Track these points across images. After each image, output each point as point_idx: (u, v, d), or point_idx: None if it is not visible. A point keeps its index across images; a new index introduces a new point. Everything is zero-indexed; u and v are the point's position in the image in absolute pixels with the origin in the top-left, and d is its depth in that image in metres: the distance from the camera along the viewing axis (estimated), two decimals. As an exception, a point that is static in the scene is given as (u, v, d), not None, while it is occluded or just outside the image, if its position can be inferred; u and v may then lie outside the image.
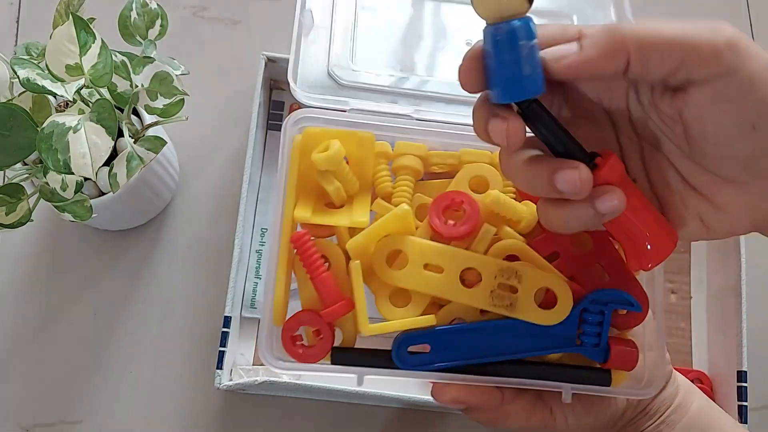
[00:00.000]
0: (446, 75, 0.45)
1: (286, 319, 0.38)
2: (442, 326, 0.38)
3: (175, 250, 0.58)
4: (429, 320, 0.37)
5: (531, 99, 0.31)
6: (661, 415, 0.40)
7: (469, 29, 0.47)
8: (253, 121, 0.55)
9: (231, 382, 0.49)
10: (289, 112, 0.61)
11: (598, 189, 0.30)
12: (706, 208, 0.33)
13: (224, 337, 0.51)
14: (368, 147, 0.40)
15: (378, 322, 0.38)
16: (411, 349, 0.37)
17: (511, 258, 0.39)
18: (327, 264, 0.38)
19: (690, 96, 0.30)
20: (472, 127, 0.33)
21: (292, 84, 0.40)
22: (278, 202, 0.39)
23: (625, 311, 0.38)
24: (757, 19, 0.69)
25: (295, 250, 0.38)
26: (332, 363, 0.38)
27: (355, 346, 0.39)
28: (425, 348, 0.38)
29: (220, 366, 0.50)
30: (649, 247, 0.34)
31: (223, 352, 0.50)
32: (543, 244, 0.39)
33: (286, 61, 0.57)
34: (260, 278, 0.57)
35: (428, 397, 0.50)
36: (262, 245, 0.57)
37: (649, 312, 0.39)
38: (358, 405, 0.55)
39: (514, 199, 0.40)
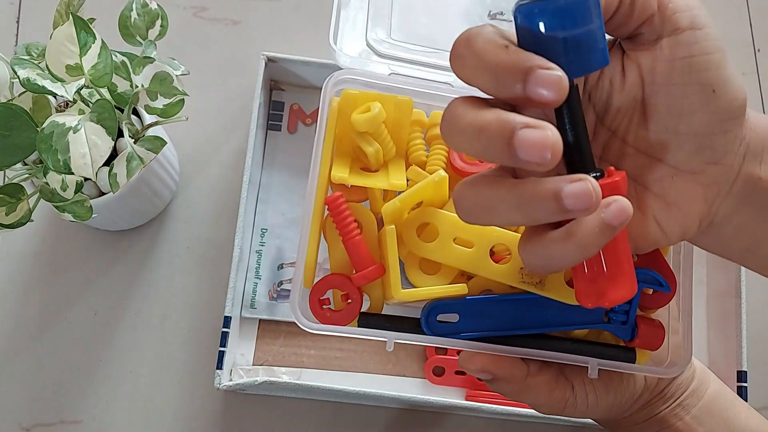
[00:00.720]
0: None
1: (315, 282, 0.38)
2: (471, 296, 0.38)
3: (175, 250, 0.58)
4: (461, 289, 0.37)
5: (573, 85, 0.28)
6: (677, 399, 0.40)
7: (499, 6, 0.47)
8: (253, 121, 0.55)
9: (231, 382, 0.49)
10: (290, 113, 0.61)
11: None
12: (659, 207, 0.32)
13: (224, 337, 0.51)
14: (406, 112, 0.39)
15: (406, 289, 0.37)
16: (439, 318, 0.37)
17: None
18: (359, 228, 0.38)
19: (660, 49, 0.29)
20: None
21: (332, 46, 0.40)
22: (314, 164, 0.38)
23: (651, 291, 0.39)
24: (756, 19, 0.69)
25: (329, 212, 0.38)
26: (359, 327, 0.38)
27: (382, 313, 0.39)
28: (453, 317, 0.38)
29: (220, 366, 0.50)
30: (591, 284, 0.32)
31: (223, 352, 0.50)
32: None
33: (287, 61, 0.58)
34: (260, 278, 0.57)
35: (428, 397, 0.51)
36: (262, 245, 0.58)
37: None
38: (358, 405, 0.55)
39: None
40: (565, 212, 0.26)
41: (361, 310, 0.38)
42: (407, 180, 0.39)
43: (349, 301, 0.38)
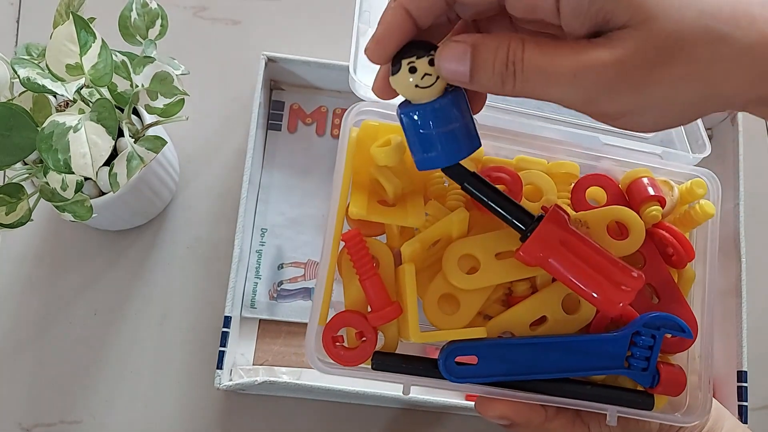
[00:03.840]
0: None
1: (328, 319, 0.37)
2: (491, 339, 0.37)
3: (175, 250, 0.58)
4: (480, 332, 0.37)
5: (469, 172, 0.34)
6: None
7: None
8: (253, 121, 0.55)
9: (231, 382, 0.49)
10: (290, 113, 0.61)
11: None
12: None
13: (224, 337, 0.51)
14: None
15: (422, 329, 0.37)
16: (458, 359, 0.37)
17: None
18: (376, 264, 0.37)
19: None
20: (528, 134, 0.33)
21: (353, 76, 0.39)
22: (334, 197, 0.37)
23: (671, 335, 0.38)
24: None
25: (346, 249, 0.37)
26: (373, 368, 0.37)
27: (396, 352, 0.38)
28: (472, 359, 0.37)
29: (220, 366, 0.50)
30: (595, 296, 0.34)
31: (223, 352, 0.50)
32: None
33: (287, 60, 0.58)
34: (260, 278, 0.57)
35: (428, 397, 0.50)
36: (262, 245, 0.57)
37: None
38: (358, 405, 0.55)
39: (570, 208, 0.39)
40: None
41: (376, 349, 0.37)
42: (426, 214, 0.38)
43: (364, 339, 0.37)
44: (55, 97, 0.46)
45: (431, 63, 0.31)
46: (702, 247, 0.40)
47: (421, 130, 0.33)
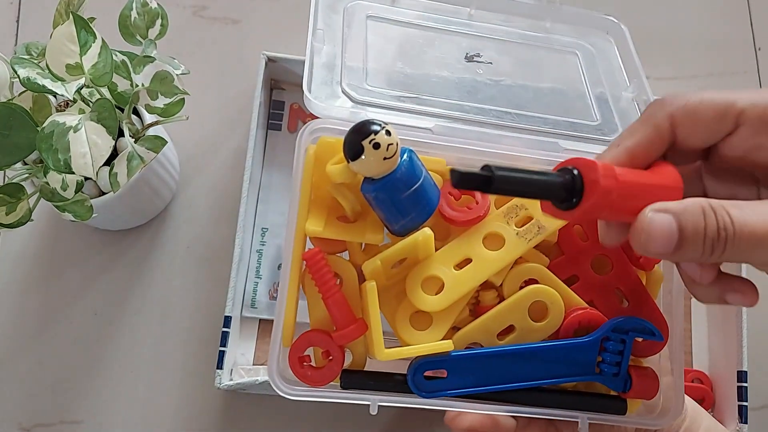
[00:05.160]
0: (460, 97, 0.44)
1: (294, 339, 0.37)
2: (460, 352, 0.37)
3: (175, 250, 0.58)
4: (446, 345, 0.36)
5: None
6: None
7: (476, 48, 0.47)
8: (253, 120, 0.55)
9: (231, 382, 0.49)
10: (290, 112, 0.61)
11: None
12: None
13: (224, 336, 0.51)
14: None
15: (389, 344, 0.36)
16: (427, 373, 0.37)
17: (531, 281, 0.38)
18: (339, 281, 0.37)
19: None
20: (491, 144, 0.35)
21: (307, 94, 0.39)
22: (291, 216, 0.37)
23: (642, 339, 0.38)
24: (757, 18, 0.69)
25: (307, 269, 0.36)
26: (342, 386, 0.37)
27: (365, 369, 0.38)
28: (441, 372, 0.37)
29: (220, 366, 0.50)
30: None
31: (224, 351, 0.50)
32: (562, 267, 0.39)
33: (287, 60, 0.58)
34: (260, 278, 0.57)
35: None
36: (263, 245, 0.57)
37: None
38: (359, 405, 0.55)
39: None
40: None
41: (344, 367, 0.37)
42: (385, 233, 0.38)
43: (331, 358, 0.36)
44: (55, 97, 0.46)
45: (387, 133, 0.33)
46: None
47: (395, 199, 0.34)
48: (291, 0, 0.65)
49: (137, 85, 0.45)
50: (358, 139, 0.33)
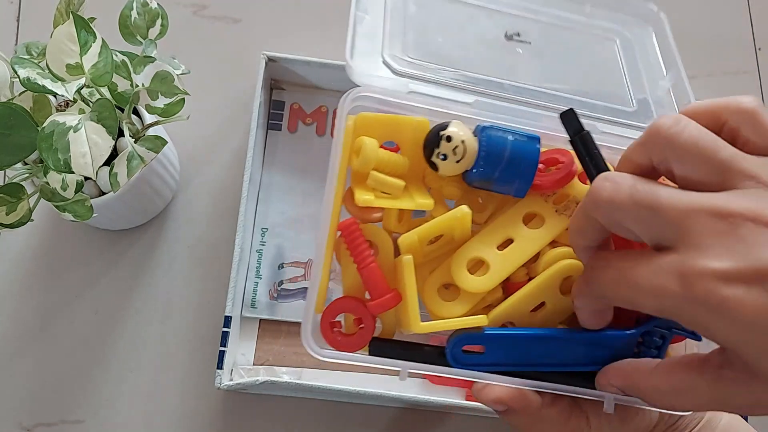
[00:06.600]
0: (499, 74, 0.44)
1: (326, 305, 0.37)
2: (500, 330, 0.37)
3: (175, 250, 0.58)
4: (480, 320, 0.37)
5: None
6: (690, 430, 0.40)
7: (516, 27, 0.47)
8: (253, 120, 0.55)
9: (231, 382, 0.49)
10: (290, 112, 0.61)
11: None
12: None
13: (224, 336, 0.51)
14: (423, 133, 0.38)
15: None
16: (465, 348, 0.37)
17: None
18: (374, 251, 0.37)
19: None
20: (526, 123, 0.36)
21: (349, 62, 0.39)
22: (329, 185, 0.36)
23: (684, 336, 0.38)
24: (757, 18, 0.69)
25: (343, 239, 0.36)
26: (371, 353, 0.37)
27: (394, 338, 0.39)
28: (479, 349, 0.37)
29: (220, 366, 0.50)
30: None
31: (224, 351, 0.50)
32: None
33: (287, 60, 0.58)
34: (261, 278, 0.57)
35: (428, 397, 0.50)
36: (263, 245, 0.57)
37: None
38: (358, 405, 0.55)
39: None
40: None
41: (374, 335, 0.37)
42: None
43: (362, 326, 0.37)
44: (55, 96, 0.46)
45: (448, 139, 0.35)
46: None
47: (495, 177, 0.36)
48: (291, 0, 0.65)
49: (137, 85, 0.45)
50: (428, 155, 0.36)
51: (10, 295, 0.56)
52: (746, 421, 0.43)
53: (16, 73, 0.41)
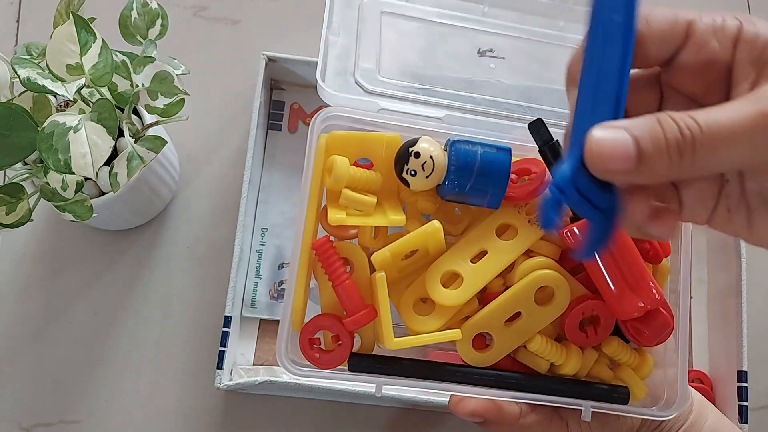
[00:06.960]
0: (472, 89, 0.45)
1: (304, 322, 0.37)
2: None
3: (175, 250, 0.58)
4: (455, 335, 0.37)
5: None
6: None
7: (489, 43, 0.47)
8: (253, 120, 0.55)
9: (231, 382, 0.49)
10: (290, 112, 0.61)
11: None
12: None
13: (224, 336, 0.51)
14: (395, 149, 0.38)
15: (396, 332, 0.37)
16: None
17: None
18: (349, 268, 0.37)
19: None
20: (499, 136, 0.36)
21: (320, 84, 0.39)
22: (302, 203, 0.37)
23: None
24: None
25: (317, 258, 0.37)
26: (350, 370, 0.38)
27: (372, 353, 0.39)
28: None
29: (220, 366, 0.50)
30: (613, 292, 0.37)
31: (224, 351, 0.50)
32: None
33: (287, 60, 0.58)
34: (260, 278, 0.57)
35: (428, 397, 0.50)
36: (263, 245, 0.57)
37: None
38: (358, 405, 0.55)
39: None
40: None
41: (352, 351, 0.38)
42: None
43: (340, 342, 0.37)
44: (55, 97, 0.46)
45: (416, 156, 0.35)
46: (675, 242, 0.41)
47: (468, 187, 0.36)
48: (291, 0, 0.65)
49: (137, 86, 0.45)
50: (399, 171, 0.36)
51: (9, 295, 0.56)
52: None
53: (16, 73, 0.41)
